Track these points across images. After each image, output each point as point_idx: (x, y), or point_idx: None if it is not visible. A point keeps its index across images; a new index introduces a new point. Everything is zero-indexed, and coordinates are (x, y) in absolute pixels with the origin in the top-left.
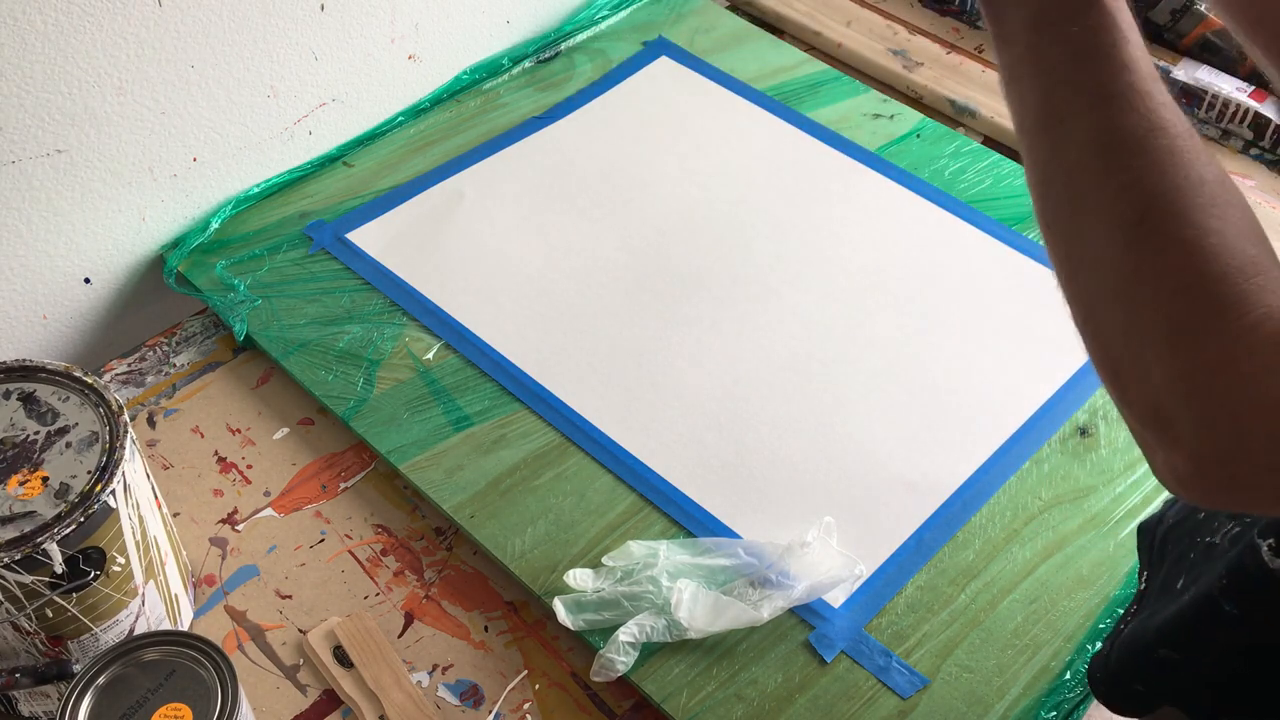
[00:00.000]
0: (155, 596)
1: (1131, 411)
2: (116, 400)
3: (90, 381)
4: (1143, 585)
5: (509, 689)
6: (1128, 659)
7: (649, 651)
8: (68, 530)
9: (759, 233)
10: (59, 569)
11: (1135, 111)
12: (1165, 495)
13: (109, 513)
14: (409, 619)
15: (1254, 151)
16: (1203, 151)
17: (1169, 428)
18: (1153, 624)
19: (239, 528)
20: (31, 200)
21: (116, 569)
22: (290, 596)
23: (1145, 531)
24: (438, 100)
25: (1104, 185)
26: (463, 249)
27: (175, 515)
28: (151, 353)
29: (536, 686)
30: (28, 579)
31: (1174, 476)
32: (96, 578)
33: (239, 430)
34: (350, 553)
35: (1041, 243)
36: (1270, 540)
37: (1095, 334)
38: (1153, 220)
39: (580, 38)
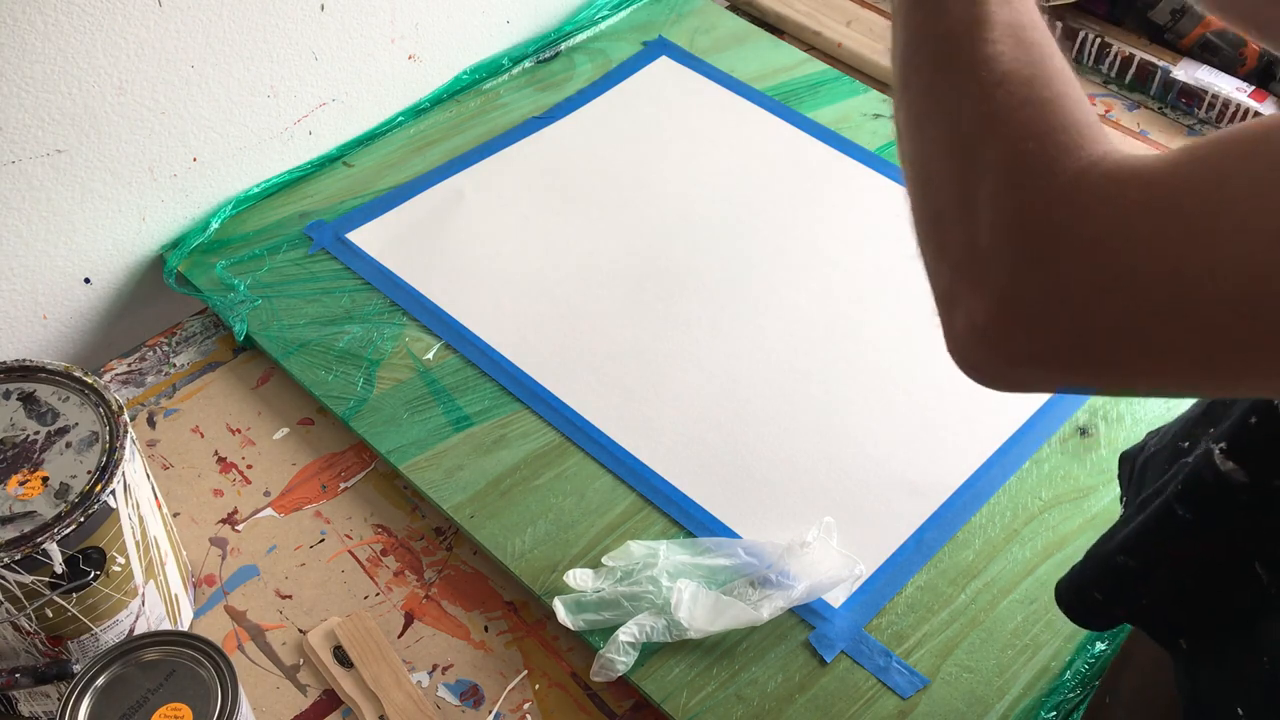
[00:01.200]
0: (155, 596)
1: (947, 257)
2: (116, 400)
3: (90, 381)
4: (1123, 511)
5: (509, 689)
6: (1089, 567)
7: (649, 651)
8: (68, 530)
9: (759, 233)
10: (59, 569)
11: (1011, 7)
12: (1148, 428)
13: (109, 513)
14: (409, 619)
15: None
16: (1062, 56)
17: (985, 268)
18: (1117, 535)
19: (239, 528)
20: (31, 200)
21: (116, 569)
22: (290, 596)
23: (1126, 460)
24: (438, 100)
25: (972, 51)
26: (463, 249)
27: (175, 515)
28: (151, 353)
29: (536, 686)
30: (28, 579)
31: (972, 330)
32: (96, 578)
33: (239, 430)
34: (350, 553)
35: None
36: (1223, 444)
37: (926, 184)
38: (1013, 82)
39: (580, 38)
